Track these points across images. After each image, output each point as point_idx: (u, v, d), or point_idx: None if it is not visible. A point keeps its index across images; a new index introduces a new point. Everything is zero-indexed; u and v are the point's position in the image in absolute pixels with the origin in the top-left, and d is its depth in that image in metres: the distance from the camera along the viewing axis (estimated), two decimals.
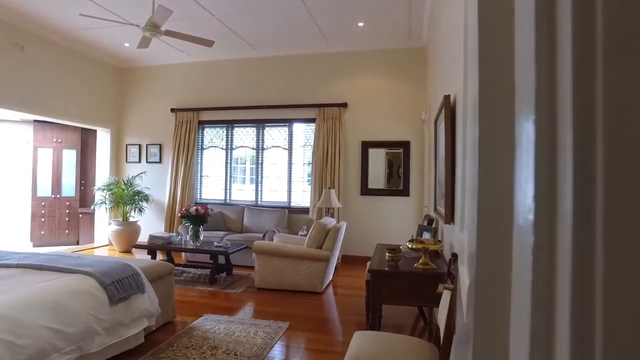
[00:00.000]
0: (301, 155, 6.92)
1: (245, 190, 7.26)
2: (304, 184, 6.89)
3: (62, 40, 6.44)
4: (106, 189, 7.02)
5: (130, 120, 7.75)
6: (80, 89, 6.95)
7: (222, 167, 7.29)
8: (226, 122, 7.17)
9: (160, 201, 7.38)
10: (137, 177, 7.25)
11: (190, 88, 7.36)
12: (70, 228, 7.92)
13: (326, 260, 4.54)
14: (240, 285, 4.90)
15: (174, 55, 7.12)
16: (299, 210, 6.73)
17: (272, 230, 5.86)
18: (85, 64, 7.01)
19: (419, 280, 2.48)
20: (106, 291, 2.69)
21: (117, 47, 6.82)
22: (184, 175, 7.12)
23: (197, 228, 5.27)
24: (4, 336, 2.07)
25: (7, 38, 5.72)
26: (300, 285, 4.60)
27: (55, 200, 7.88)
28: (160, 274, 3.49)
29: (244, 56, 6.99)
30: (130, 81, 7.75)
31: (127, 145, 7.69)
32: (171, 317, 3.60)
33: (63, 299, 2.43)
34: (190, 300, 4.33)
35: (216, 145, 7.37)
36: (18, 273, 2.80)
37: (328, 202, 5.63)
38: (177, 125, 7.26)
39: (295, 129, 6.91)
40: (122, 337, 2.75)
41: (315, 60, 6.70)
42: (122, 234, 6.83)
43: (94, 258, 3.18)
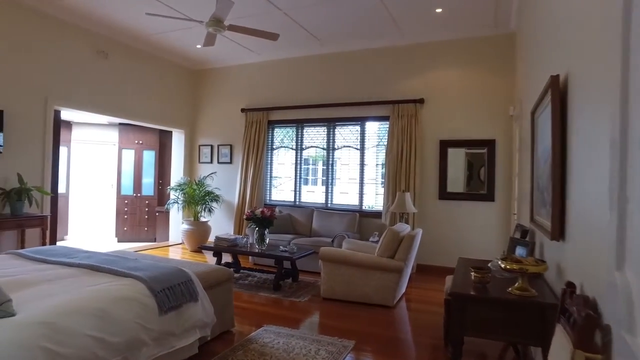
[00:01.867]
0: (374, 156, 6.49)
1: (315, 192, 6.99)
2: (377, 187, 6.45)
3: (141, 46, 6.65)
4: (179, 188, 7.15)
5: (202, 121, 7.86)
6: (158, 92, 7.16)
7: (291, 168, 7.10)
8: (296, 121, 6.96)
9: (230, 202, 7.37)
10: (208, 177, 7.30)
11: (260, 87, 7.26)
12: (148, 226, 8.23)
13: (399, 271, 4.08)
14: (305, 294, 4.60)
15: (244, 55, 7.07)
16: (370, 214, 6.31)
17: (341, 235, 5.50)
18: (162, 68, 7.21)
19: (513, 310, 1.95)
20: (156, 299, 2.50)
21: (189, 50, 6.91)
22: (253, 176, 7.03)
23: (262, 231, 5.08)
24: (45, 343, 1.92)
25: (94, 47, 5.99)
26: (370, 297, 4.18)
27: (136, 199, 8.24)
28: (218, 280, 3.28)
29: (313, 53, 6.73)
30: (203, 83, 7.87)
31: (200, 145, 7.80)
32: (229, 326, 3.38)
33: (109, 306, 2.26)
34: (252, 307, 4.11)
35: (286, 146, 7.19)
36: (75, 273, 2.72)
37: (402, 206, 5.15)
38: (247, 126, 7.20)
39: (368, 127, 6.50)
40: (172, 348, 2.55)
41: (388, 53, 6.23)
42: (193, 233, 6.89)
43: (149, 262, 3.05)
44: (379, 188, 6.41)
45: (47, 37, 5.40)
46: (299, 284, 4.98)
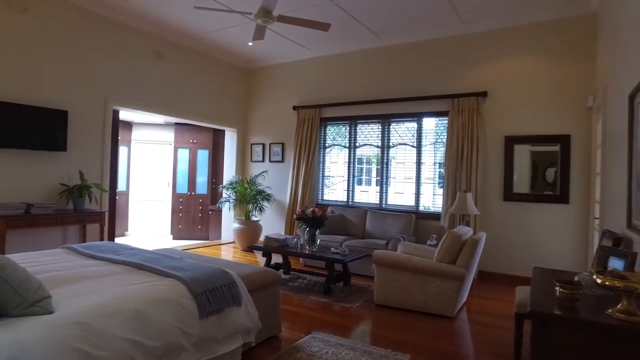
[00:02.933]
0: (431, 154, 6.08)
1: (368, 192, 6.70)
2: (435, 187, 6.04)
3: (195, 46, 6.71)
4: (230, 187, 7.14)
5: (254, 120, 7.82)
6: (211, 91, 7.19)
7: (344, 167, 6.85)
8: (349, 118, 6.71)
9: (282, 201, 7.25)
10: (260, 176, 7.23)
11: (311, 84, 7.09)
12: (202, 224, 8.33)
13: (460, 278, 3.70)
14: (357, 299, 4.33)
15: (295, 51, 6.92)
16: (428, 215, 5.92)
17: (396, 237, 5.17)
18: (215, 68, 7.24)
19: (618, 338, 1.56)
20: (196, 301, 2.35)
21: (241, 48, 6.87)
22: (305, 175, 6.86)
23: (313, 231, 4.87)
24: (80, 345, 1.82)
25: (150, 48, 6.10)
26: (427, 306, 3.84)
27: (191, 197, 8.38)
28: (264, 283, 3.10)
29: (367, 47, 6.44)
30: (255, 81, 7.82)
31: (252, 144, 7.76)
32: (275, 331, 3.19)
33: (147, 308, 2.14)
34: (300, 311, 3.91)
35: (338, 144, 6.96)
36: (119, 271, 2.65)
37: (463, 207, 4.73)
38: (299, 124, 7.05)
39: (425, 123, 6.11)
40: (213, 355, 2.38)
41: (447, 44, 5.81)
42: (244, 232, 6.84)
43: (193, 261, 2.92)
44: (437, 188, 6.00)
45: (107, 39, 5.54)
46: (351, 289, 4.72)
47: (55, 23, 5.02)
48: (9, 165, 4.67)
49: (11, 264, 1.87)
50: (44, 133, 4.85)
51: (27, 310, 1.85)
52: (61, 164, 5.10)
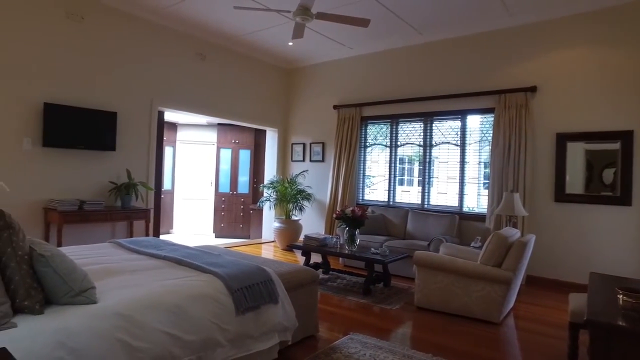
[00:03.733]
0: (476, 153, 5.85)
1: (410, 192, 6.54)
2: (479, 187, 5.80)
3: (236, 47, 6.81)
4: (271, 187, 7.20)
5: (295, 120, 7.84)
6: (252, 91, 7.29)
7: (385, 167, 6.73)
8: (390, 117, 6.58)
9: (322, 201, 7.23)
10: (300, 175, 7.24)
11: (352, 83, 7.02)
12: (243, 223, 8.46)
13: (507, 282, 3.51)
14: (397, 301, 4.22)
15: (336, 50, 6.88)
16: (472, 216, 5.69)
17: (438, 238, 5.01)
18: (256, 68, 7.32)
19: None
20: (232, 297, 2.35)
21: (281, 48, 6.91)
22: (345, 175, 6.80)
23: (352, 231, 4.80)
24: (121, 335, 1.86)
25: (193, 50, 6.26)
26: (471, 310, 3.67)
27: (233, 196, 8.53)
28: (302, 281, 3.07)
29: (408, 43, 6.30)
30: (296, 81, 7.85)
31: (292, 144, 7.79)
32: (312, 331, 3.15)
33: (185, 303, 2.15)
34: (338, 312, 3.85)
35: (379, 143, 6.84)
36: (159, 265, 2.70)
37: (510, 208, 4.50)
38: (339, 123, 7.00)
39: (470, 121, 5.88)
40: (249, 352, 2.38)
41: (493, 38, 5.56)
42: (284, 231, 6.87)
43: (231, 258, 2.94)
44: (482, 188, 5.76)
45: (153, 43, 5.74)
46: (391, 290, 4.61)
47: (107, 30, 5.25)
48: (65, 164, 4.94)
49: (60, 254, 1.94)
50: (96, 134, 5.09)
51: (74, 299, 1.91)
52: (111, 163, 5.33)
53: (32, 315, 1.79)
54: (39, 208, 4.77)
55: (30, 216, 4.70)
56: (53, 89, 4.81)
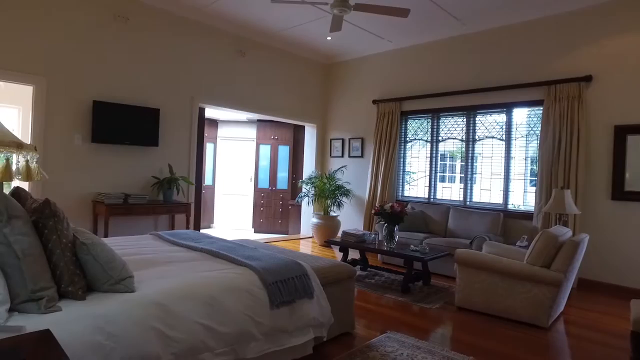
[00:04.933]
0: (522, 148, 5.57)
1: (451, 188, 6.33)
2: (526, 183, 5.53)
3: (275, 43, 6.84)
4: (310, 182, 7.19)
5: (334, 115, 7.79)
6: (291, 87, 7.30)
7: (425, 163, 6.55)
8: (431, 111, 6.39)
9: (361, 197, 7.14)
10: (338, 171, 7.18)
11: (392, 77, 6.87)
12: (282, 218, 8.51)
13: (556, 284, 3.29)
14: (437, 300, 4.08)
15: (375, 44, 6.75)
16: (517, 214, 5.42)
17: (481, 236, 4.81)
18: (295, 64, 7.32)
19: None
20: (267, 291, 2.34)
21: (320, 43, 6.86)
22: (384, 171, 6.68)
23: (391, 227, 4.69)
24: (157, 324, 1.88)
25: (232, 46, 6.34)
26: (516, 312, 3.48)
27: (272, 192, 8.60)
28: (338, 277, 3.02)
29: (450, 35, 6.08)
30: (334, 76, 7.79)
31: (331, 139, 7.74)
32: (348, 327, 3.10)
33: (220, 295, 2.16)
34: (376, 309, 3.77)
35: (420, 138, 6.67)
36: (196, 257, 2.73)
37: (560, 206, 4.24)
38: (378, 118, 6.88)
39: (516, 115, 5.61)
40: (283, 346, 2.35)
41: (542, 25, 5.25)
42: (322, 227, 6.84)
43: (266, 252, 2.93)
44: (528, 185, 5.48)
45: (193, 40, 5.86)
46: (431, 289, 4.47)
47: (150, 29, 5.40)
48: (112, 159, 5.14)
49: (100, 243, 1.99)
50: (140, 130, 5.26)
51: (113, 287, 1.96)
52: (153, 158, 5.50)
53: (75, 301, 1.84)
54: (88, 201, 4.98)
55: (80, 208, 4.93)
56: (101, 87, 5.01)
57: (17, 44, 4.44)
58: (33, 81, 4.60)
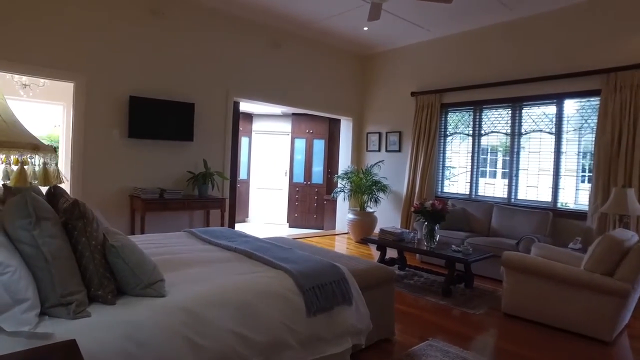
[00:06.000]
0: (574, 142, 5.18)
1: (494, 185, 6.00)
2: (578, 180, 5.14)
3: (310, 34, 6.67)
4: (345, 177, 7.02)
5: (371, 108, 7.56)
6: (327, 80, 7.13)
7: (467, 157, 6.24)
8: (473, 103, 6.06)
9: (398, 192, 6.91)
10: (375, 166, 6.97)
11: (431, 68, 6.57)
12: (317, 213, 8.40)
13: (623, 295, 2.97)
14: (481, 304, 3.83)
15: (414, 33, 6.45)
16: (569, 214, 5.06)
17: (529, 237, 4.50)
18: (331, 55, 7.14)
19: None
20: (304, 297, 2.21)
21: (356, 34, 6.63)
22: (423, 166, 6.42)
23: (432, 226, 4.47)
24: (187, 332, 1.79)
25: (267, 39, 6.23)
26: (573, 324, 3.19)
27: (307, 187, 8.50)
28: (378, 280, 2.85)
29: (495, 21, 5.71)
30: (371, 68, 7.55)
31: (368, 133, 7.53)
32: (388, 333, 2.93)
33: (254, 300, 2.05)
34: (415, 313, 3.58)
35: (461, 132, 6.36)
36: (230, 258, 2.64)
37: (621, 206, 3.88)
38: (417, 111, 6.61)
39: (567, 106, 5.21)
40: (320, 355, 2.22)
41: (599, 6, 4.81)
42: (358, 223, 6.67)
43: (303, 253, 2.79)
44: (580, 182, 5.09)
45: (228, 34, 5.79)
46: (474, 292, 4.23)
47: (184, 23, 5.37)
48: (148, 154, 5.16)
49: (130, 245, 1.91)
50: (175, 125, 5.25)
51: (143, 291, 1.88)
52: (188, 153, 5.49)
53: (105, 305, 1.78)
54: (126, 196, 5.03)
55: (119, 203, 4.98)
56: (137, 82, 5.02)
57: (58, 41, 4.49)
58: (73, 78, 4.66)
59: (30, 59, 4.35)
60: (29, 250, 1.62)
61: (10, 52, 4.23)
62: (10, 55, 4.23)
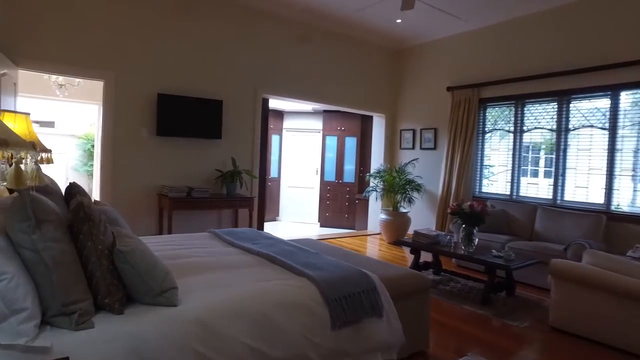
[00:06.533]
0: (632, 138, 4.72)
1: (538, 184, 5.60)
2: (636, 180, 4.68)
3: (341, 29, 6.44)
4: (377, 176, 6.76)
5: (404, 104, 7.26)
6: (358, 75, 6.89)
7: (507, 155, 5.85)
8: (514, 97, 5.67)
9: (433, 192, 6.59)
10: (409, 164, 6.67)
11: (469, 61, 6.21)
12: (349, 213, 8.19)
13: None
14: (524, 316, 3.51)
15: (449, 24, 6.12)
16: (625, 217, 4.61)
17: (579, 243, 4.12)
18: (362, 50, 6.89)
19: None
20: (329, 309, 2.01)
21: (389, 26, 6.35)
22: (460, 164, 6.08)
23: (470, 229, 4.16)
24: (198, 346, 1.64)
25: (295, 34, 6.05)
26: (634, 344, 2.84)
27: (338, 185, 8.30)
28: (412, 289, 2.62)
29: (538, 8, 5.31)
30: (405, 62, 7.24)
31: (401, 130, 7.24)
32: (422, 346, 2.69)
33: (273, 311, 1.87)
34: (451, 323, 3.31)
35: (501, 128, 5.97)
36: (251, 263, 2.47)
37: None
38: (453, 106, 6.27)
39: (623, 99, 4.76)
40: None
41: None
42: (391, 224, 6.40)
43: (330, 259, 2.57)
44: (639, 182, 4.63)
45: (256, 29, 5.66)
46: (516, 301, 3.90)
47: (212, 19, 5.28)
48: (176, 152, 5.11)
49: (140, 249, 1.77)
50: (203, 122, 5.17)
51: (154, 299, 1.75)
52: (217, 151, 5.40)
53: (112, 315, 1.65)
54: (154, 194, 4.99)
55: (147, 202, 4.95)
56: (165, 80, 4.97)
57: (88, 40, 4.49)
58: (103, 76, 4.66)
59: (61, 58, 4.37)
60: (29, 256, 1.51)
61: (43, 52, 4.26)
62: (43, 55, 4.26)
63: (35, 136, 3.09)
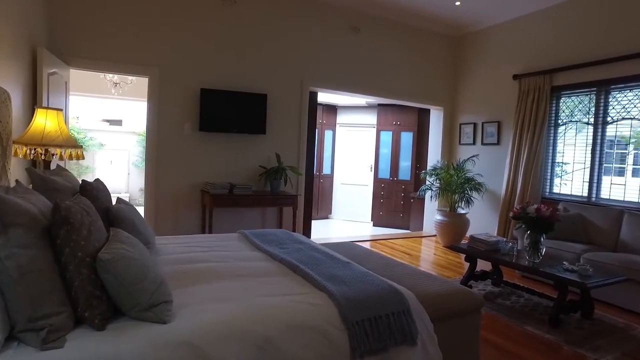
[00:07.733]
0: None
1: (625, 185, 4.80)
2: None
3: (393, 16, 5.99)
4: (433, 173, 6.23)
5: (464, 96, 6.64)
6: (413, 65, 6.40)
7: (584, 151, 5.10)
8: (595, 84, 4.91)
9: (496, 192, 5.96)
10: (469, 161, 6.08)
11: (539, 45, 5.49)
12: (404, 212, 7.72)
13: None
14: (606, 346, 2.91)
15: (516, 5, 5.46)
16: None
17: None
18: (418, 38, 6.37)
19: None
20: (348, 333, 1.68)
21: (447, 10, 5.80)
22: (527, 161, 5.42)
23: (537, 236, 3.59)
24: None
25: (345, 24, 5.71)
26: None
27: (393, 183, 7.87)
28: (458, 310, 2.20)
29: None
30: (465, 50, 6.61)
31: (461, 124, 6.63)
32: None
33: (280, 336, 1.57)
34: (509, 347, 2.82)
35: (577, 120, 5.22)
36: (271, 271, 2.20)
37: None
38: (520, 96, 5.60)
39: None
40: None
41: None
42: (447, 226, 5.87)
43: (360, 271, 2.20)
44: None
45: (301, 19, 5.39)
46: (594, 325, 3.28)
47: (255, 10, 5.09)
48: (219, 148, 4.99)
49: (127, 257, 1.54)
50: (247, 117, 5.01)
51: (141, 314, 1.53)
52: (261, 147, 5.22)
53: (93, 331, 1.44)
54: (197, 191, 4.92)
55: (191, 198, 4.88)
56: (208, 74, 4.86)
57: (132, 37, 4.48)
58: (147, 72, 4.64)
59: (108, 56, 4.40)
60: None
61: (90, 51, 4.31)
62: (91, 54, 4.31)
63: (66, 131, 3.05)
